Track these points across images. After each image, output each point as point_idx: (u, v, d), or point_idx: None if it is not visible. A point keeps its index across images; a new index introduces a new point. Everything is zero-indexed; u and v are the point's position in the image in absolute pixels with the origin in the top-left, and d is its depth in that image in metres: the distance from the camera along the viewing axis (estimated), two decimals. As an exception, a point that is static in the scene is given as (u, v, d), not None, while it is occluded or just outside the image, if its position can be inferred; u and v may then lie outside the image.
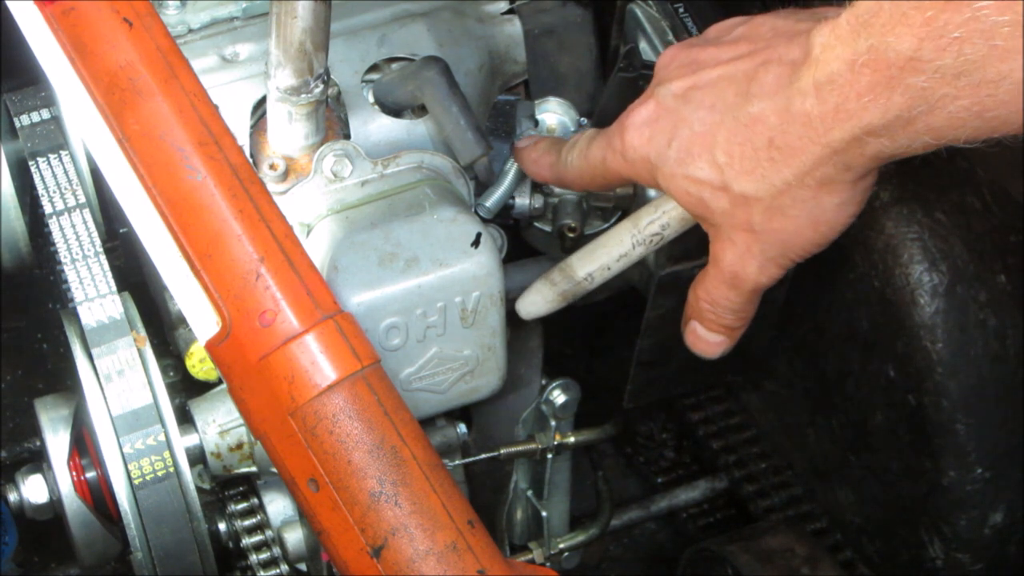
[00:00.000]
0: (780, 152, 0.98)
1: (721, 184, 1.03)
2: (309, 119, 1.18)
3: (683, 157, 1.05)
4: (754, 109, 0.99)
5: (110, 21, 1.00)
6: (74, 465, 1.24)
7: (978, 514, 1.33)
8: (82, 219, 1.27)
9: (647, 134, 1.08)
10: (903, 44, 0.86)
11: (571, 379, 1.39)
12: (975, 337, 1.28)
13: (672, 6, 1.33)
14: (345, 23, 1.32)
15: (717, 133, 1.02)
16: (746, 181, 1.01)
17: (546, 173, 1.23)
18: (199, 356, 1.33)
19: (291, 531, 1.34)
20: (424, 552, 0.92)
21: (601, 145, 1.13)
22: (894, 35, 0.87)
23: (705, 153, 1.03)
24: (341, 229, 1.17)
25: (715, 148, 1.02)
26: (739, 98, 1.01)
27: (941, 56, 0.85)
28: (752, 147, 1.00)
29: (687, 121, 1.05)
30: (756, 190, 1.01)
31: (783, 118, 0.97)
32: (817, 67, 0.94)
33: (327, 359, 0.94)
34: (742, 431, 1.68)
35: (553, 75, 1.41)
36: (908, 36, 0.86)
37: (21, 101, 1.35)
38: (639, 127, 1.08)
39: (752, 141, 1.00)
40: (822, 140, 0.95)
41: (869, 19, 0.89)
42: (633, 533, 1.77)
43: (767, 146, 0.99)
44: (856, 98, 0.91)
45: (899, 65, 0.87)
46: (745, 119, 1.00)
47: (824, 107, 0.94)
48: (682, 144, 1.05)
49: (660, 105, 1.07)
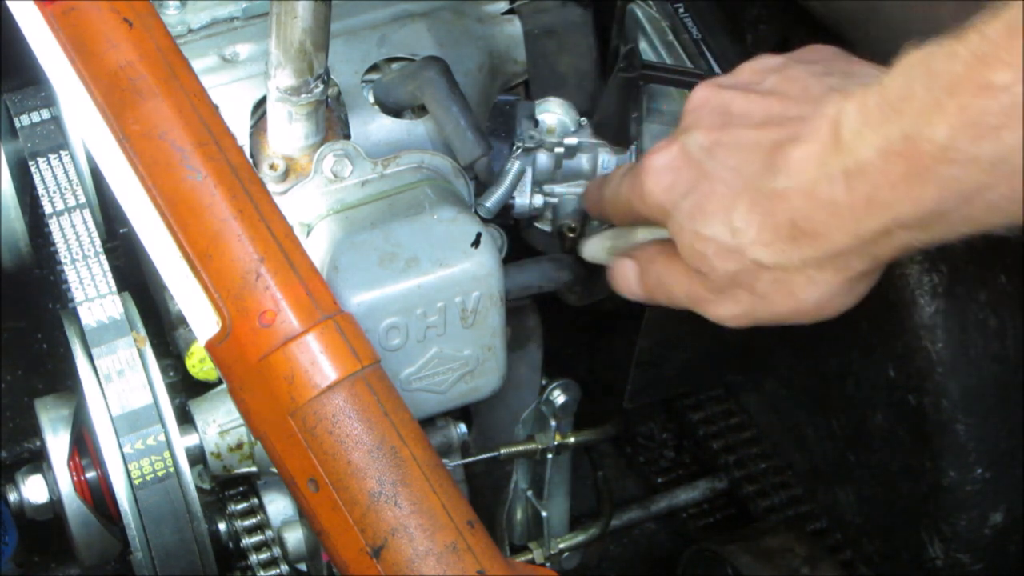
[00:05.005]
0: (803, 234, 0.94)
1: (734, 248, 0.99)
2: (309, 119, 1.18)
3: (696, 213, 1.01)
4: (779, 185, 0.95)
5: (110, 21, 1.00)
6: (74, 465, 1.24)
7: (978, 514, 1.33)
8: (82, 219, 1.27)
9: (667, 182, 1.04)
10: (938, 134, 0.82)
11: (571, 379, 1.39)
12: (975, 337, 1.28)
13: (672, 6, 1.33)
14: (345, 23, 1.32)
15: (738, 199, 0.98)
16: (761, 250, 0.97)
17: (594, 209, 1.21)
18: (199, 356, 1.33)
19: (291, 531, 1.34)
20: (424, 552, 0.92)
21: (627, 184, 1.10)
22: (927, 124, 0.83)
23: (721, 214, 0.99)
24: (341, 229, 1.17)
25: (734, 212, 0.98)
26: (764, 169, 0.97)
27: (978, 145, 0.81)
28: (773, 222, 0.96)
29: (709, 178, 1.01)
30: (771, 261, 0.97)
31: (808, 202, 0.93)
32: (847, 154, 0.89)
33: (327, 359, 0.94)
34: (742, 431, 1.67)
35: (553, 75, 1.41)
36: (942, 125, 0.82)
37: (21, 101, 1.35)
38: (660, 172, 1.04)
39: (774, 216, 0.96)
40: (851, 230, 0.91)
41: (900, 105, 0.85)
42: (633, 533, 1.77)
43: (789, 225, 0.95)
44: (889, 189, 0.87)
45: (933, 155, 0.83)
46: (768, 192, 0.96)
47: (853, 196, 0.90)
48: (699, 200, 1.01)
49: (684, 154, 1.03)
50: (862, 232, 0.91)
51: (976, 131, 0.81)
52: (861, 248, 0.93)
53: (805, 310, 1.00)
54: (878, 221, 0.90)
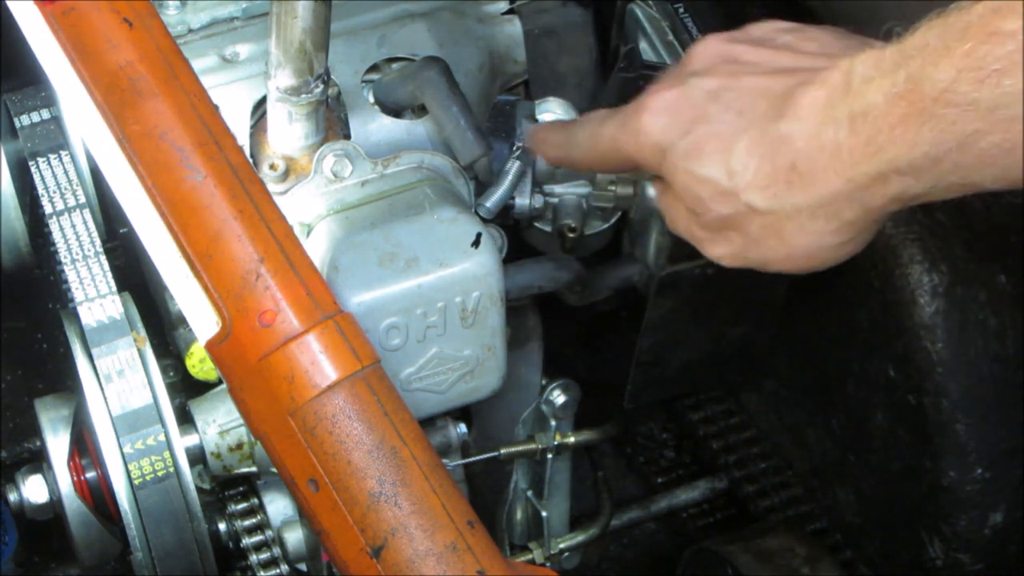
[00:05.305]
0: (800, 177, 0.95)
1: (729, 189, 1.00)
2: (309, 119, 1.18)
3: (692, 153, 1.01)
4: (784, 128, 0.96)
5: (110, 21, 1.00)
6: (74, 465, 1.24)
7: (978, 514, 1.33)
8: (82, 219, 1.27)
9: (665, 120, 1.04)
10: (941, 75, 0.84)
11: (571, 379, 1.39)
12: (975, 337, 1.28)
13: (672, 6, 1.33)
14: (345, 23, 1.32)
15: (738, 139, 0.99)
16: (756, 194, 0.98)
17: (554, 152, 1.21)
18: (199, 356, 1.33)
19: (291, 531, 1.34)
20: (424, 552, 0.92)
21: (614, 124, 1.09)
22: (933, 66, 0.84)
23: (719, 155, 1.00)
24: (341, 229, 1.17)
25: (731, 153, 0.99)
26: (771, 112, 0.97)
27: (978, 88, 0.82)
28: (772, 165, 0.97)
29: (710, 119, 1.01)
30: (765, 205, 0.98)
31: (811, 144, 0.94)
32: (855, 98, 0.91)
33: (327, 359, 0.94)
34: (742, 431, 1.68)
35: (553, 75, 1.41)
36: (947, 67, 0.83)
37: (21, 101, 1.35)
38: (659, 111, 1.04)
39: (774, 159, 0.97)
40: (847, 174, 0.92)
41: (913, 53, 0.87)
42: (633, 533, 1.77)
43: (788, 168, 0.96)
44: (888, 131, 0.88)
45: (933, 96, 0.85)
46: (772, 135, 0.97)
47: (855, 139, 0.91)
48: (697, 139, 1.01)
49: (686, 96, 1.03)
50: (856, 176, 0.92)
51: (977, 75, 0.82)
52: (853, 193, 0.94)
53: (795, 257, 1.01)
54: (873, 164, 0.91)
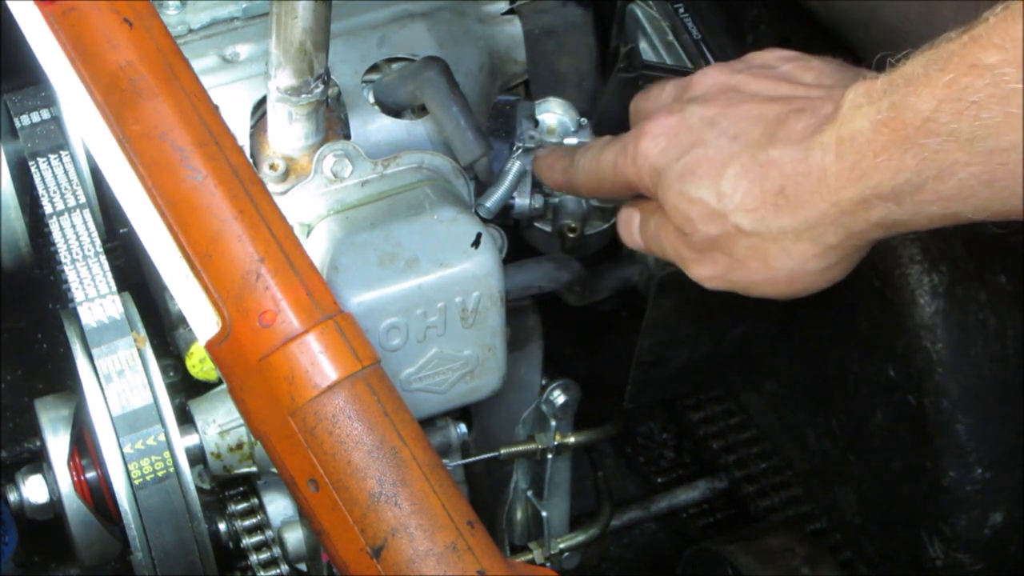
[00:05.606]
0: (787, 201, 0.97)
1: (718, 210, 1.02)
2: (309, 119, 1.18)
3: (686, 175, 1.04)
4: (774, 153, 0.98)
5: (110, 21, 1.00)
6: (74, 465, 1.24)
7: (978, 514, 1.33)
8: (82, 219, 1.27)
9: (663, 144, 1.06)
10: (923, 104, 0.86)
11: (571, 379, 1.39)
12: (975, 337, 1.28)
13: (672, 6, 1.33)
14: (345, 23, 1.32)
15: (730, 163, 1.01)
16: (743, 216, 1.00)
17: (558, 177, 1.23)
18: (199, 356, 1.33)
19: (291, 531, 1.34)
20: (424, 552, 0.92)
21: (614, 149, 1.12)
22: (916, 96, 0.86)
23: (710, 177, 1.02)
24: (341, 229, 1.17)
25: (723, 176, 1.01)
26: (763, 138, 1.00)
27: (958, 120, 0.84)
28: (761, 188, 0.99)
29: (705, 143, 1.03)
30: (751, 227, 1.00)
31: (799, 168, 0.96)
32: (842, 124, 0.93)
33: (327, 359, 0.94)
34: (742, 431, 1.67)
35: (553, 75, 1.41)
36: (928, 97, 0.85)
37: (21, 101, 1.35)
38: (657, 136, 1.07)
39: (763, 182, 0.99)
40: (831, 198, 0.94)
41: (900, 82, 0.88)
42: (633, 533, 1.77)
43: (776, 192, 0.98)
44: (872, 157, 0.90)
45: (915, 125, 0.87)
46: (763, 160, 0.99)
47: (841, 164, 0.93)
48: (690, 161, 1.04)
49: (684, 122, 1.06)
50: (841, 200, 0.94)
51: (957, 106, 0.84)
52: (837, 218, 0.95)
53: (778, 280, 1.03)
54: (857, 189, 0.92)
